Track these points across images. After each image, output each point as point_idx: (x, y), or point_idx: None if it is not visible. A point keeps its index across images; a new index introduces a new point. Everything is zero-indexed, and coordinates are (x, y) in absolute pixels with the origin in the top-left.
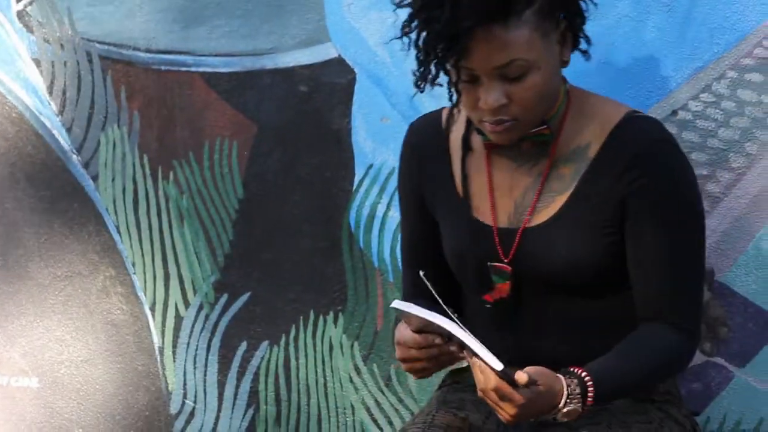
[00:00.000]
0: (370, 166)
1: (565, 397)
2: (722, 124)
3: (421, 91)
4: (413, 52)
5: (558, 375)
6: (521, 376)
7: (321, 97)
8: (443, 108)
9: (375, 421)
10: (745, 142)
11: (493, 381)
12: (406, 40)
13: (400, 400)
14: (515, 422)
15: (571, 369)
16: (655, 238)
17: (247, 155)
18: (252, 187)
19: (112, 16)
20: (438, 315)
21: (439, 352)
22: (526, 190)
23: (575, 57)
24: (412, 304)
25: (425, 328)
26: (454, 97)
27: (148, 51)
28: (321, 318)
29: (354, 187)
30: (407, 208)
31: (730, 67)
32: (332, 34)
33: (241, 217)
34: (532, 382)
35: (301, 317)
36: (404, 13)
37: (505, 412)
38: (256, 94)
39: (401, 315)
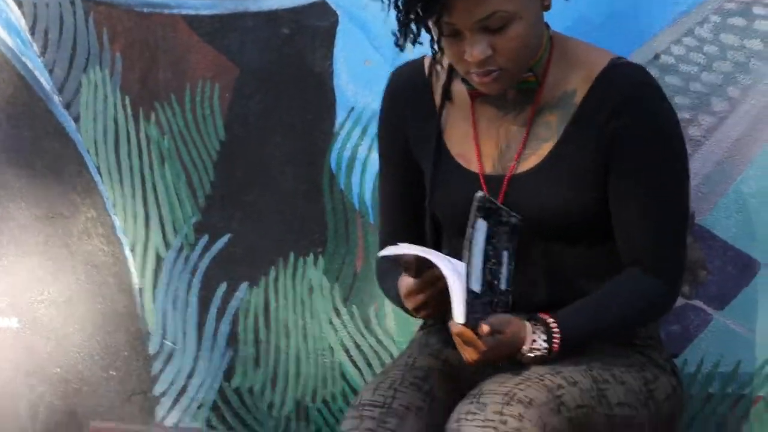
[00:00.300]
0: (352, 109)
1: (529, 343)
2: (705, 68)
3: (402, 50)
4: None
5: (524, 322)
6: (483, 327)
7: (303, 39)
8: (425, 56)
9: (354, 362)
10: (728, 86)
11: (457, 326)
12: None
13: (380, 342)
14: (478, 365)
15: (539, 315)
16: (639, 182)
17: (229, 97)
18: (233, 129)
19: None
20: (429, 249)
21: (440, 288)
22: (512, 137)
23: (556, 4)
24: (401, 246)
25: (419, 266)
26: (438, 54)
27: None
28: (301, 260)
29: (336, 130)
30: (388, 156)
31: (714, 12)
32: None
33: (222, 159)
34: (495, 332)
35: (281, 259)
36: None
37: (468, 355)
38: (239, 36)
39: (390, 260)
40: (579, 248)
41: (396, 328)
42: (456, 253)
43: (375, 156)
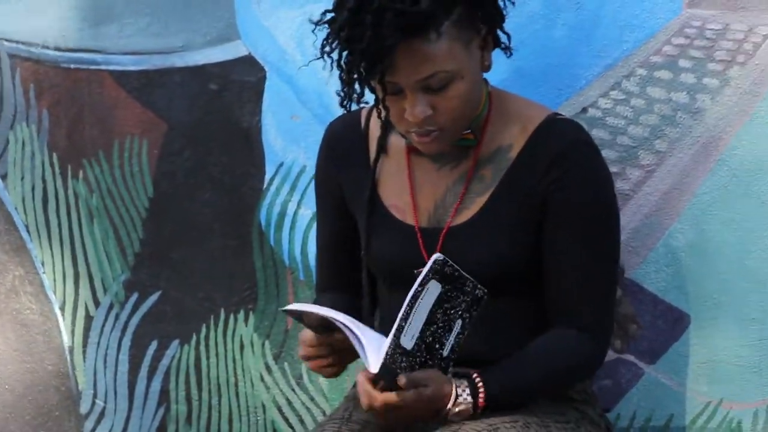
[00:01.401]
0: (281, 165)
1: (453, 399)
2: (632, 122)
3: (348, 111)
4: (323, 43)
5: (449, 378)
6: (400, 378)
7: (231, 95)
8: (362, 107)
9: (286, 419)
10: (655, 139)
11: (360, 378)
12: (313, 40)
13: (312, 399)
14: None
15: (464, 372)
16: (571, 240)
17: (158, 153)
18: (162, 186)
19: (21, 14)
20: (331, 310)
21: (342, 347)
22: (448, 190)
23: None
24: (303, 304)
25: (325, 325)
26: (383, 113)
27: (57, 49)
28: (232, 316)
29: (264, 186)
30: (325, 208)
31: (640, 65)
32: (242, 32)
33: (152, 215)
34: (417, 385)
35: (212, 316)
36: (315, 11)
37: (364, 400)
38: (167, 92)
39: (295, 315)
40: (514, 301)
41: (328, 384)
42: (391, 305)
43: (304, 211)
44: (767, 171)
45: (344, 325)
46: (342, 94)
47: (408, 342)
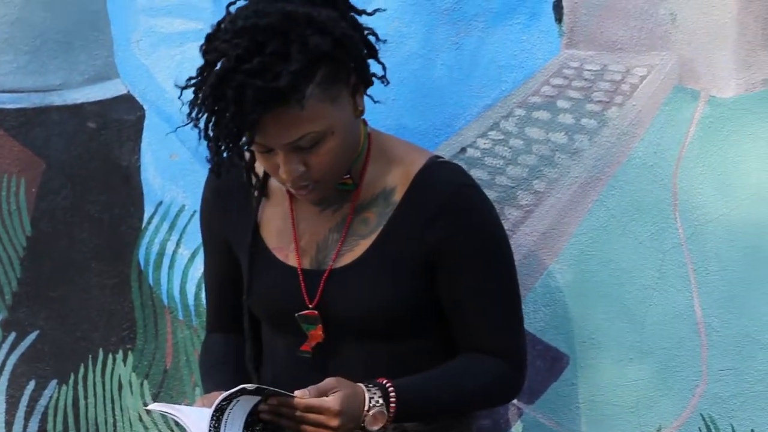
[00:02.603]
0: (160, 203)
1: (367, 400)
2: (510, 162)
3: (218, 176)
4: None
5: (358, 384)
6: (298, 393)
7: (110, 133)
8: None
9: None
10: (533, 179)
11: (302, 404)
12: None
13: None
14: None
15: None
16: (473, 282)
17: (36, 192)
18: (40, 225)
19: None
20: (188, 408)
21: None
22: (330, 233)
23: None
24: (165, 405)
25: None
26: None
27: None
28: (110, 356)
29: (143, 225)
30: (210, 250)
31: (518, 105)
32: (121, 71)
33: (29, 254)
34: (320, 392)
35: (90, 355)
36: (194, 49)
37: (328, 427)
38: (45, 130)
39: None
40: (399, 345)
41: None
42: (274, 349)
43: (183, 251)
44: (645, 212)
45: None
46: (212, 161)
47: None
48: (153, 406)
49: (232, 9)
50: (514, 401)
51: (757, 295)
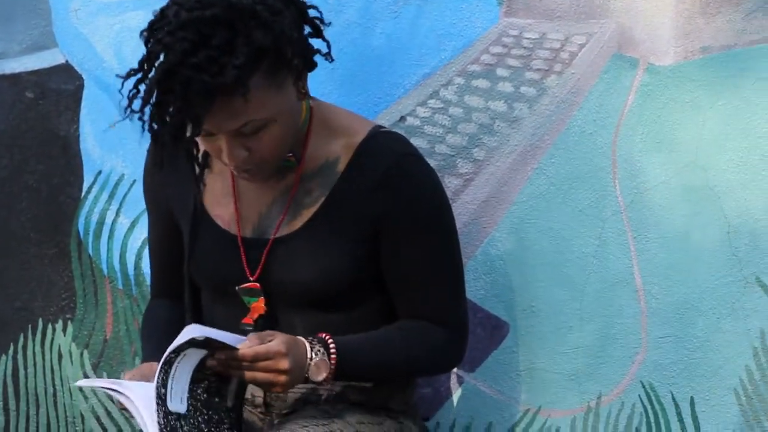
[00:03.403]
0: (99, 173)
1: (309, 349)
2: (450, 131)
3: (161, 168)
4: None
5: (299, 338)
6: (261, 333)
7: (48, 103)
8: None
9: (105, 429)
10: (473, 148)
11: (249, 354)
12: (131, 48)
13: None
14: (291, 380)
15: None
16: (416, 250)
17: None
18: None
19: None
20: (114, 381)
21: None
22: (274, 202)
23: None
24: (96, 379)
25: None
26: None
27: None
28: (50, 326)
29: (83, 194)
30: (153, 216)
31: (458, 74)
32: (59, 40)
33: None
34: (269, 334)
35: (30, 326)
36: (133, 19)
37: (279, 373)
38: None
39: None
40: (342, 315)
41: None
42: (214, 318)
43: (123, 220)
44: (584, 180)
45: (126, 397)
46: (154, 152)
47: (179, 406)
48: (83, 382)
49: None
50: (455, 369)
51: (696, 262)
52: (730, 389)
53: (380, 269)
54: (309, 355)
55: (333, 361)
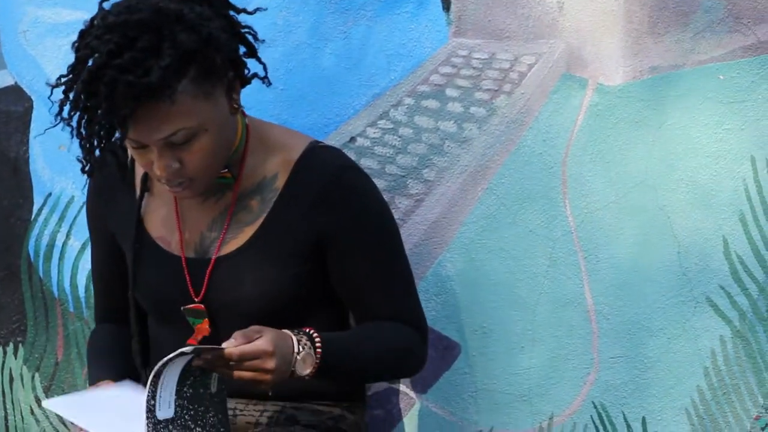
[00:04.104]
0: (49, 195)
1: (296, 342)
2: (400, 151)
3: (91, 175)
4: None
5: (285, 331)
6: (247, 330)
7: None
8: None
9: None
10: (423, 168)
11: (236, 353)
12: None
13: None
14: (277, 377)
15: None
16: (364, 261)
17: None
18: None
19: None
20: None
21: None
22: (214, 222)
23: (252, 85)
24: (60, 401)
25: None
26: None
27: None
28: (0, 349)
29: (33, 216)
30: (96, 241)
31: (407, 94)
32: (8, 61)
33: None
34: (257, 331)
35: None
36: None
37: (265, 372)
38: None
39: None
40: (296, 328)
41: None
42: (160, 342)
43: (73, 242)
44: (534, 199)
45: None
46: (83, 161)
47: (167, 412)
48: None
49: (106, 5)
50: (407, 389)
51: (647, 282)
52: (681, 409)
53: (326, 284)
54: (296, 349)
55: (318, 355)
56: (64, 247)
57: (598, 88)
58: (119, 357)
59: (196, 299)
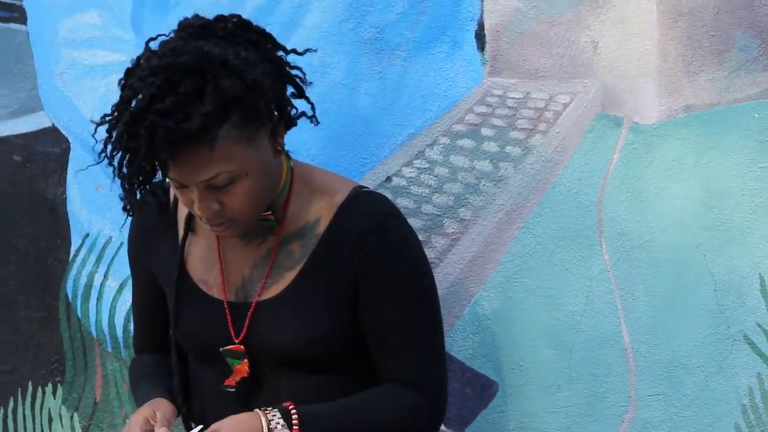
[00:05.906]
0: (87, 236)
1: (265, 423)
2: (436, 190)
3: (130, 216)
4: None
5: (255, 411)
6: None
7: (35, 166)
8: (169, 183)
9: None
10: (459, 207)
11: None
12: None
13: None
14: None
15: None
16: (392, 312)
17: None
18: None
19: None
20: None
21: None
22: (256, 266)
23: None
24: None
25: None
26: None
27: None
28: (39, 389)
29: (70, 257)
30: (137, 283)
31: (443, 134)
32: (45, 104)
33: None
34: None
35: (19, 389)
36: (116, 82)
37: None
38: None
39: None
40: (325, 378)
41: None
42: (201, 381)
43: (111, 282)
44: (571, 238)
45: None
46: (125, 199)
47: None
48: None
49: (152, 45)
50: (445, 429)
51: (683, 320)
52: None
53: (362, 331)
54: (266, 429)
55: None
56: (102, 287)
57: (633, 127)
58: (167, 377)
59: (236, 341)
